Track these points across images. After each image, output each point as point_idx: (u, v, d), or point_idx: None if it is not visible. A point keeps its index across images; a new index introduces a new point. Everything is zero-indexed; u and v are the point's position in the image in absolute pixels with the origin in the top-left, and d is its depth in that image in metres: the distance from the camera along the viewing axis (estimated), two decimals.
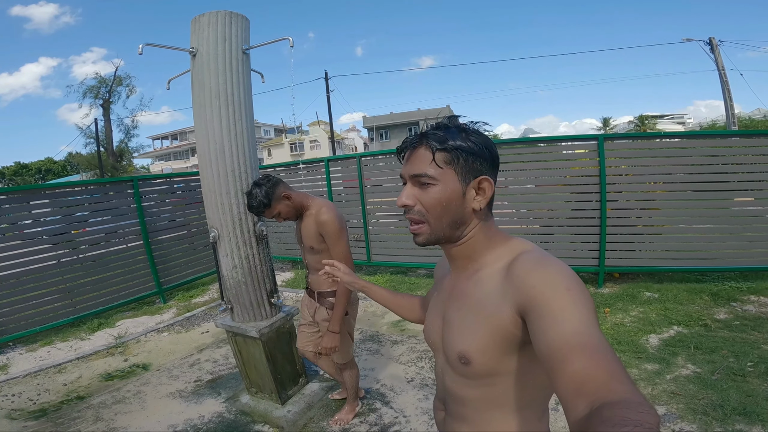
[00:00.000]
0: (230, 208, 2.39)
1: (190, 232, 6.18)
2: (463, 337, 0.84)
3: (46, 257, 4.66)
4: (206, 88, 2.30)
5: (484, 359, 0.80)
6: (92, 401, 3.14)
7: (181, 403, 3.03)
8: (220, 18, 2.32)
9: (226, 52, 2.31)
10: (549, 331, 0.64)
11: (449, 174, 0.81)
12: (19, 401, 3.25)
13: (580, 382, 0.56)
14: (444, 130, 0.83)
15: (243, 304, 2.55)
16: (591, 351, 0.59)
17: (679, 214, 4.63)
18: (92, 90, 25.01)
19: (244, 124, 2.38)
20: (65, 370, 3.75)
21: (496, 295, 0.79)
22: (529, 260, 0.77)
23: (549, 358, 0.62)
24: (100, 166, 23.69)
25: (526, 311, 0.72)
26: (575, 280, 0.71)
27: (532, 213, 5.16)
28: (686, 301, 4.09)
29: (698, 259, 4.48)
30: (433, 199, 0.82)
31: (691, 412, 2.46)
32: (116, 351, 4.07)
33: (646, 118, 28.32)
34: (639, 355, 3.18)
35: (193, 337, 4.31)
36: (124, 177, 5.82)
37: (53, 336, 4.59)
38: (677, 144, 4.92)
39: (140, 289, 5.38)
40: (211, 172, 2.36)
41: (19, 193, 4.87)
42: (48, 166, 46.06)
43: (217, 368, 3.55)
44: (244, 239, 2.44)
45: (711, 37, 14.69)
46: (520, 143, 5.54)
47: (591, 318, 0.65)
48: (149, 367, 3.68)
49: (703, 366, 2.94)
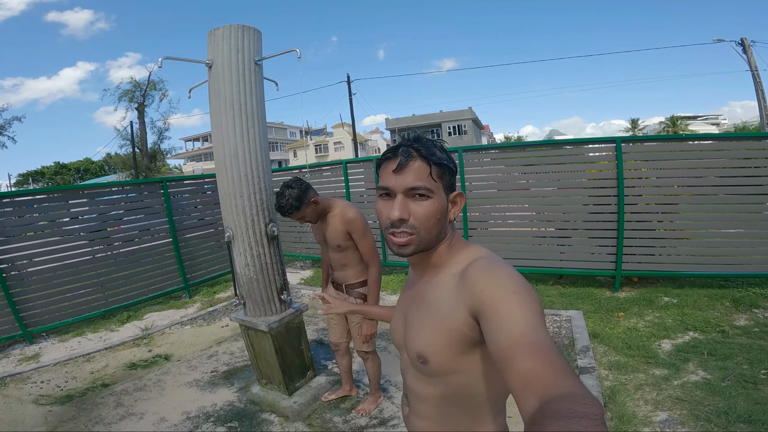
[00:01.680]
0: (243, 210, 2.57)
1: (217, 230, 6.44)
2: (421, 338, 0.89)
3: (82, 253, 5.00)
4: (221, 98, 2.48)
5: (440, 358, 0.85)
6: (115, 388, 3.38)
7: (196, 391, 3.25)
8: (233, 31, 2.49)
9: (240, 64, 2.49)
10: (498, 332, 0.69)
11: (440, 188, 0.86)
12: (47, 388, 3.50)
13: (528, 380, 0.60)
14: (432, 148, 0.87)
15: (254, 300, 2.73)
16: (536, 350, 0.63)
17: (704, 218, 4.54)
18: (127, 94, 26.25)
19: (256, 132, 2.56)
20: (93, 359, 4.02)
21: (451, 298, 0.84)
22: (480, 265, 0.82)
23: (499, 357, 0.66)
24: (135, 167, 24.80)
25: (477, 313, 0.76)
26: (521, 283, 0.75)
27: (550, 215, 5.15)
28: (706, 307, 4.02)
29: (723, 264, 4.37)
30: (429, 212, 0.84)
31: (693, 419, 2.45)
32: (142, 342, 4.34)
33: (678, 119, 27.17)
34: (649, 361, 3.17)
35: (213, 331, 4.56)
36: (154, 178, 6.13)
37: (84, 327, 4.91)
38: (701, 146, 4.81)
39: (168, 284, 5.70)
40: (226, 177, 2.54)
41: (59, 192, 5.24)
42: (86, 166, 48.37)
43: (233, 360, 3.76)
44: (256, 239, 2.62)
45: (743, 38, 14.22)
46: (539, 146, 5.55)
47: (536, 318, 0.69)
48: (171, 358, 3.93)
49: (714, 372, 2.91)
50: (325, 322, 4.41)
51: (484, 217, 5.49)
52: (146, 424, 2.85)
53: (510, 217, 5.41)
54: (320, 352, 3.74)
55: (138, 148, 26.08)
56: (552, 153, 5.19)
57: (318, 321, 4.51)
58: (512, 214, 5.39)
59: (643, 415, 2.55)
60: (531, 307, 0.71)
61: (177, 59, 2.45)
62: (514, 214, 5.39)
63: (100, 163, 46.96)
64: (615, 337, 3.61)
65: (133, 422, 2.88)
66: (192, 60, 2.51)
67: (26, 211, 4.83)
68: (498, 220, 5.52)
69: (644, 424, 2.47)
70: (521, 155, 5.45)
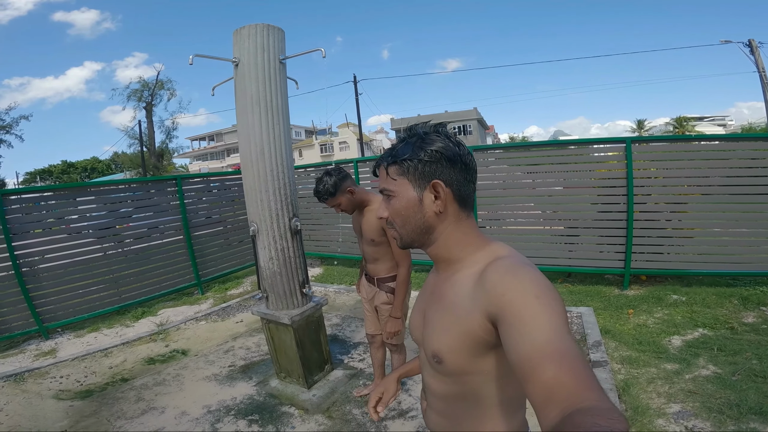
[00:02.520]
0: (268, 205, 2.64)
1: (225, 228, 6.53)
2: (437, 337, 0.87)
3: (96, 249, 5.08)
4: (247, 95, 2.54)
5: (455, 359, 0.83)
6: (135, 383, 3.41)
7: (215, 385, 3.28)
8: (258, 30, 2.56)
9: (265, 62, 2.55)
10: (520, 340, 0.65)
11: (404, 184, 0.86)
12: (66, 382, 3.52)
13: (551, 390, 0.57)
14: (401, 144, 0.89)
15: (277, 293, 2.80)
16: (561, 359, 0.60)
17: (712, 217, 4.60)
18: (136, 93, 26.44)
19: (281, 128, 2.62)
20: (111, 354, 4.06)
21: (468, 300, 0.81)
22: (501, 267, 0.78)
23: (521, 366, 0.63)
24: (143, 166, 24.98)
25: (496, 319, 0.73)
26: (546, 286, 0.71)
27: (559, 215, 5.20)
28: (714, 305, 4.07)
29: (731, 263, 4.43)
30: (394, 210, 0.88)
31: (705, 411, 2.50)
32: (158, 337, 4.39)
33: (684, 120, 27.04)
34: (659, 356, 3.22)
35: (228, 326, 4.61)
36: (168, 176, 6.20)
37: (100, 323, 4.96)
38: (711, 147, 4.86)
39: (181, 281, 5.77)
40: (252, 172, 2.60)
41: (66, 190, 5.32)
42: (93, 164, 48.57)
43: (249, 355, 3.80)
44: (281, 233, 2.68)
45: (751, 39, 14.24)
46: (549, 145, 5.60)
47: (561, 325, 0.66)
48: (188, 353, 3.97)
49: (724, 367, 2.96)
50: (339, 318, 4.49)
51: (494, 215, 5.54)
52: (168, 418, 2.86)
53: (520, 216, 5.46)
54: (335, 347, 3.79)
55: (146, 147, 26.25)
56: (562, 153, 5.25)
57: (332, 317, 4.57)
58: (522, 213, 5.44)
59: (656, 406, 2.60)
60: (556, 313, 0.67)
61: (206, 56, 2.52)
62: (524, 212, 5.44)
63: (107, 162, 47.19)
64: (625, 333, 3.66)
65: (155, 416, 2.89)
66: (219, 58, 2.58)
67: (39, 207, 4.90)
68: (508, 219, 5.56)
69: (658, 415, 2.52)
70: (531, 155, 5.52)
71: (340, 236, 6.56)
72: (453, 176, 0.85)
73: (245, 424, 2.72)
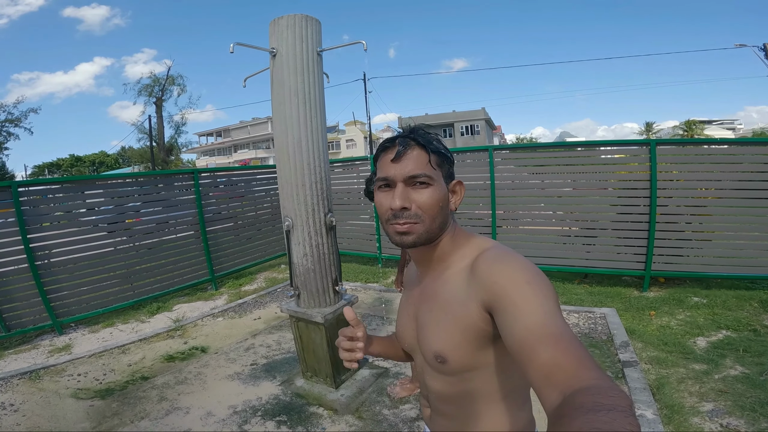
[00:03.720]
0: (305, 199, 2.56)
1: (239, 223, 6.44)
2: (437, 337, 0.85)
3: (109, 243, 4.99)
4: (285, 86, 2.47)
5: (459, 356, 0.82)
6: (156, 381, 3.29)
7: (239, 384, 3.18)
8: (297, 21, 2.49)
9: (304, 53, 2.48)
10: (514, 325, 0.65)
11: (440, 176, 0.84)
12: (85, 381, 3.39)
13: (550, 372, 0.57)
14: (428, 136, 0.85)
15: (310, 291, 2.72)
16: (556, 340, 0.60)
17: (731, 221, 4.54)
18: (147, 88, 26.36)
19: (318, 121, 2.55)
20: (129, 350, 3.94)
21: (462, 294, 0.80)
22: (490, 257, 0.79)
23: (518, 351, 0.63)
24: (152, 160, 24.90)
25: (491, 307, 0.73)
26: (535, 272, 0.72)
27: (579, 215, 5.13)
28: (735, 307, 4.03)
29: (749, 266, 4.39)
30: (431, 199, 0.82)
31: (738, 409, 2.49)
32: (175, 333, 4.29)
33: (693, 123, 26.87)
34: (687, 356, 3.19)
35: (246, 323, 4.52)
36: (185, 169, 6.11)
37: (114, 318, 4.86)
38: (730, 150, 4.80)
39: (195, 276, 5.67)
40: (289, 165, 2.53)
41: (82, 182, 5.26)
42: (101, 159, 48.58)
43: (270, 353, 3.71)
44: (316, 229, 2.61)
45: (765, 43, 14.20)
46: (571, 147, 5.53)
47: (553, 308, 0.66)
48: (207, 350, 3.86)
49: (752, 367, 2.95)
50: (358, 316, 4.42)
51: (513, 215, 5.48)
52: (193, 419, 2.75)
53: (539, 216, 5.39)
54: None
55: (155, 142, 26.18)
56: (589, 154, 5.19)
57: None
58: (540, 213, 5.38)
59: (690, 405, 2.59)
60: (547, 297, 0.67)
61: (246, 45, 2.44)
62: (543, 213, 5.38)
63: (115, 156, 47.16)
64: (649, 334, 3.61)
65: (180, 417, 2.78)
66: (257, 47, 2.50)
67: (54, 200, 4.81)
68: (526, 219, 5.49)
69: (692, 414, 2.50)
70: (552, 155, 5.46)
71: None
72: None
73: (274, 425, 2.63)
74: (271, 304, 5.08)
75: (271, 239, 6.80)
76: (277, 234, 6.84)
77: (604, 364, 3.13)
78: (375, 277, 5.93)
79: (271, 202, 6.90)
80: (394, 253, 6.02)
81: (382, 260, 6.42)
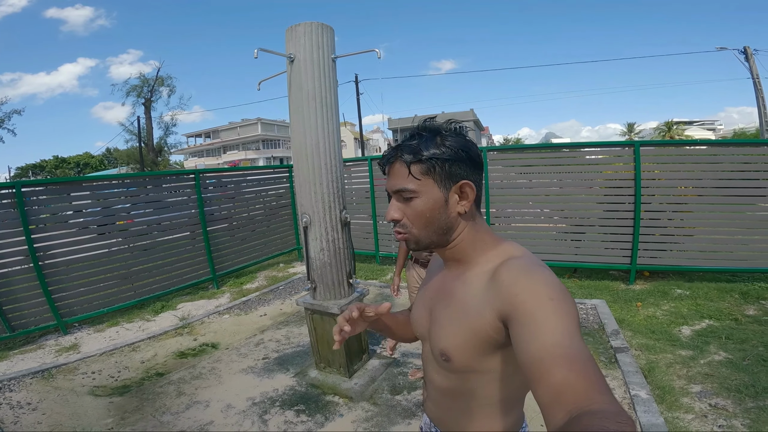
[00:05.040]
0: (322, 197, 2.67)
1: (240, 223, 6.47)
2: (445, 335, 0.85)
3: (111, 243, 4.96)
4: (303, 91, 2.58)
5: (463, 358, 0.82)
6: (172, 377, 3.33)
7: (254, 378, 3.24)
8: (314, 28, 2.59)
9: (321, 59, 2.59)
10: (531, 342, 0.63)
11: (428, 184, 0.80)
12: (100, 378, 3.40)
13: (560, 392, 0.56)
14: (418, 139, 0.81)
15: (326, 284, 2.83)
16: (572, 362, 0.58)
17: (711, 217, 4.79)
18: (135, 89, 25.96)
19: (334, 124, 2.67)
20: (139, 348, 3.96)
21: (479, 299, 0.78)
22: (515, 267, 0.76)
23: (530, 367, 0.61)
24: (141, 161, 24.52)
25: (508, 319, 0.71)
26: (559, 289, 0.69)
27: (568, 213, 5.32)
28: (716, 299, 4.25)
29: (729, 260, 4.64)
30: (416, 212, 0.81)
31: (725, 390, 2.68)
32: (183, 331, 4.32)
33: (674, 124, 27.50)
34: (673, 343, 3.39)
35: (252, 320, 4.58)
36: (187, 170, 6.10)
37: (119, 317, 4.86)
38: (709, 151, 5.05)
39: (197, 275, 5.69)
40: (307, 165, 2.64)
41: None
42: (86, 160, 47.40)
43: (281, 347, 3.79)
44: (332, 224, 2.72)
45: (746, 46, 14.58)
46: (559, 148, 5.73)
47: (573, 328, 0.64)
48: (218, 346, 3.92)
49: (735, 353, 3.14)
50: None
51: (505, 213, 5.65)
52: (214, 411, 2.81)
53: (527, 214, 5.58)
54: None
55: (144, 143, 25.78)
56: (575, 155, 5.40)
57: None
58: (529, 211, 5.57)
59: (679, 387, 2.77)
60: (568, 316, 0.65)
61: (270, 51, 2.53)
62: (532, 211, 5.56)
63: (100, 158, 46.13)
64: (637, 323, 3.81)
65: (201, 410, 2.83)
66: (278, 53, 2.59)
67: (57, 200, 4.73)
68: (517, 216, 5.67)
69: (682, 394, 2.68)
70: (541, 156, 5.64)
71: None
72: (476, 177, 0.83)
73: (293, 414, 2.71)
74: (274, 301, 5.15)
75: (270, 239, 6.85)
76: (276, 234, 6.88)
77: (598, 351, 3.31)
78: (373, 274, 6.04)
79: (268, 202, 6.96)
80: (390, 251, 6.15)
81: (380, 258, 6.54)
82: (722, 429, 2.31)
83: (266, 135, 45.75)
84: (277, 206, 7.07)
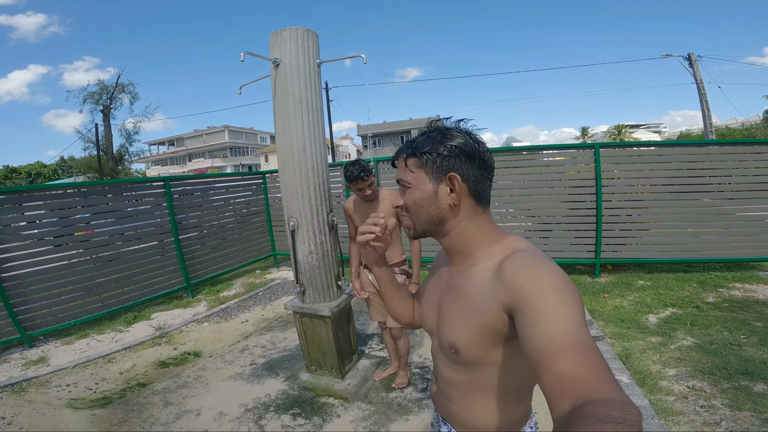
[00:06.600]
0: (309, 200, 2.59)
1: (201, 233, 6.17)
2: (454, 329, 0.86)
3: (77, 254, 4.66)
4: (289, 95, 2.50)
5: (471, 350, 0.83)
6: (155, 387, 3.15)
7: (243, 384, 3.11)
8: (299, 33, 2.52)
9: (306, 64, 2.52)
10: (537, 332, 0.63)
11: (421, 176, 0.84)
12: (76, 390, 3.19)
13: (565, 381, 0.56)
14: (422, 137, 0.86)
15: (315, 287, 2.74)
16: (578, 351, 0.59)
17: (664, 213, 5.03)
18: (92, 96, 24.60)
19: (319, 128, 2.60)
20: (115, 359, 3.73)
21: (486, 292, 0.79)
22: (520, 260, 0.76)
23: (536, 357, 0.62)
24: (100, 170, 23.19)
25: (514, 310, 0.71)
26: (565, 280, 0.69)
27: (535, 212, 5.46)
28: (676, 288, 4.47)
29: (684, 251, 4.89)
30: (410, 200, 0.87)
31: (699, 373, 2.78)
32: (162, 341, 4.10)
33: (623, 128, 28.97)
34: (643, 331, 3.51)
35: (234, 326, 4.40)
36: (156, 177, 5.80)
37: (88, 329, 4.56)
38: (658, 152, 5.34)
39: (170, 284, 5.42)
40: (293, 169, 2.55)
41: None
42: (38, 169, 44.44)
43: (267, 353, 3.65)
44: (320, 227, 2.65)
45: (690, 53, 15.25)
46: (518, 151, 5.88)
47: (578, 319, 0.64)
48: (201, 354, 3.74)
49: (701, 338, 3.28)
50: None
51: None
52: (207, 420, 2.66)
53: (497, 214, 5.69)
54: None
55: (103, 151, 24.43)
56: (536, 156, 5.57)
57: None
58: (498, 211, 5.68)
59: (656, 371, 2.86)
60: (573, 306, 0.65)
61: (256, 55, 2.44)
62: (500, 211, 5.68)
63: (54, 167, 43.37)
64: (607, 313, 3.94)
65: (192, 419, 2.68)
66: (264, 57, 2.51)
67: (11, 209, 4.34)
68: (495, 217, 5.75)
69: (660, 378, 2.77)
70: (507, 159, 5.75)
71: None
72: (470, 171, 0.83)
73: (289, 418, 2.62)
74: (255, 307, 4.97)
75: (245, 245, 6.65)
76: (250, 240, 6.68)
77: None
78: None
79: (241, 209, 6.76)
80: None
81: None
82: (704, 409, 2.39)
83: (234, 143, 44.61)
84: (249, 213, 6.87)
